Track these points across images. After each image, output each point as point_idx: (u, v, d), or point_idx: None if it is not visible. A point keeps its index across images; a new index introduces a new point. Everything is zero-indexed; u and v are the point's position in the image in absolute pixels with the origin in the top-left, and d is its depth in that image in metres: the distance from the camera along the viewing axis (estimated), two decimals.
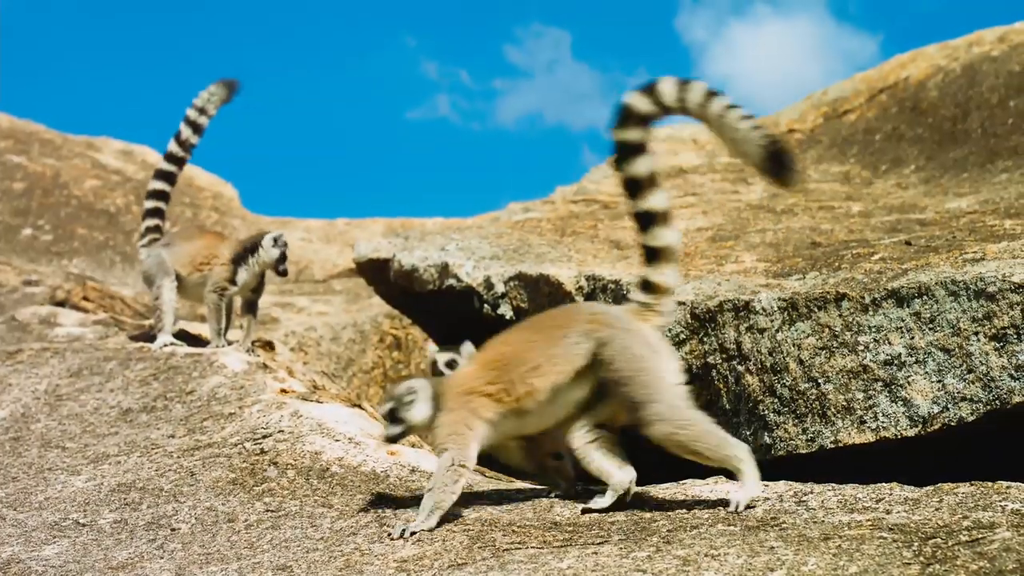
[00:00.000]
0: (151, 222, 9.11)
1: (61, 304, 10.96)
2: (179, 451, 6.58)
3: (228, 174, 21.29)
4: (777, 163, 5.08)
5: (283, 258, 8.53)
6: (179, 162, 9.26)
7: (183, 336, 8.98)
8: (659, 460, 7.03)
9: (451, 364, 7.31)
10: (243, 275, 8.59)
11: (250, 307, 8.75)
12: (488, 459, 7.49)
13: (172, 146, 9.22)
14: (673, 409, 5.04)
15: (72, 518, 5.87)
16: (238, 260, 8.62)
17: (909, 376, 6.23)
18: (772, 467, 6.34)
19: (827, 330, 6.42)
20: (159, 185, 9.22)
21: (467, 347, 7.39)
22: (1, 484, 6.46)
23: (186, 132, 9.20)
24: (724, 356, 6.67)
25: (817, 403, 6.36)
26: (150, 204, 9.17)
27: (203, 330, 9.91)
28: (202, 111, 9.24)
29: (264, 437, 6.49)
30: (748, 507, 4.99)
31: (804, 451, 6.37)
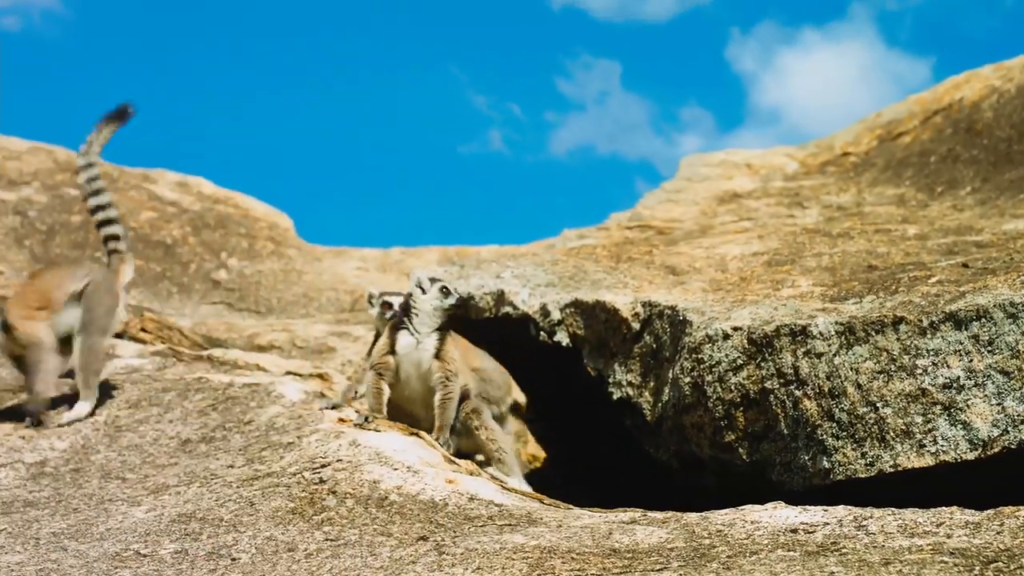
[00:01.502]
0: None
1: (119, 335, 11.03)
2: (238, 481, 6.61)
3: (283, 204, 21.41)
4: None
5: None
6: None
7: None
8: (718, 486, 7.03)
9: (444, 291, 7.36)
10: None
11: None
12: (546, 486, 7.50)
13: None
14: None
15: (133, 549, 5.90)
16: None
17: (968, 399, 6.19)
18: (831, 491, 6.32)
19: (885, 354, 6.39)
20: None
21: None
22: (63, 515, 6.50)
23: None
24: (782, 381, 6.64)
25: (876, 427, 6.34)
26: None
27: (261, 360, 9.97)
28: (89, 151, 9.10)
29: (323, 466, 6.51)
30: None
31: (863, 475, 6.34)
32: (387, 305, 7.75)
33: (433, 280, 7.45)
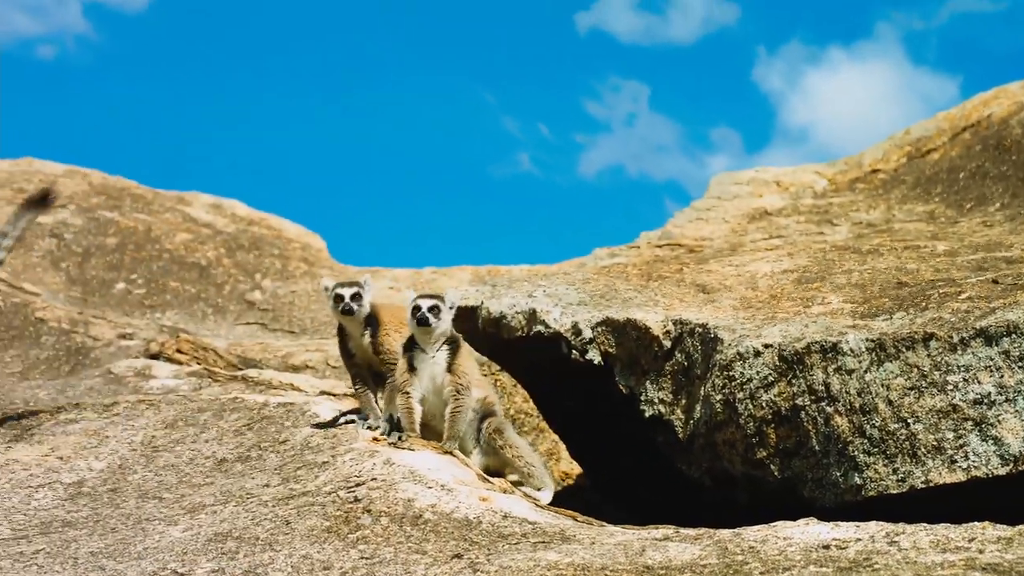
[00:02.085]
0: None
1: (155, 357, 11.13)
2: (274, 500, 6.66)
3: (316, 226, 21.47)
4: None
5: None
6: None
7: None
8: (750, 502, 7.05)
9: (435, 310, 7.47)
10: None
11: None
12: (579, 503, 7.53)
13: None
14: None
15: (170, 568, 5.94)
16: None
17: (999, 415, 6.20)
18: (863, 507, 6.33)
19: (916, 370, 6.41)
20: None
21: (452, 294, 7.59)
22: (100, 535, 6.56)
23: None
24: (813, 398, 6.66)
25: (907, 443, 6.35)
26: None
27: (295, 380, 10.03)
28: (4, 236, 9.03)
29: (357, 485, 6.56)
30: None
31: (895, 491, 6.35)
32: (339, 298, 7.85)
33: (424, 298, 7.59)
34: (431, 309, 7.48)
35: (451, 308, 7.59)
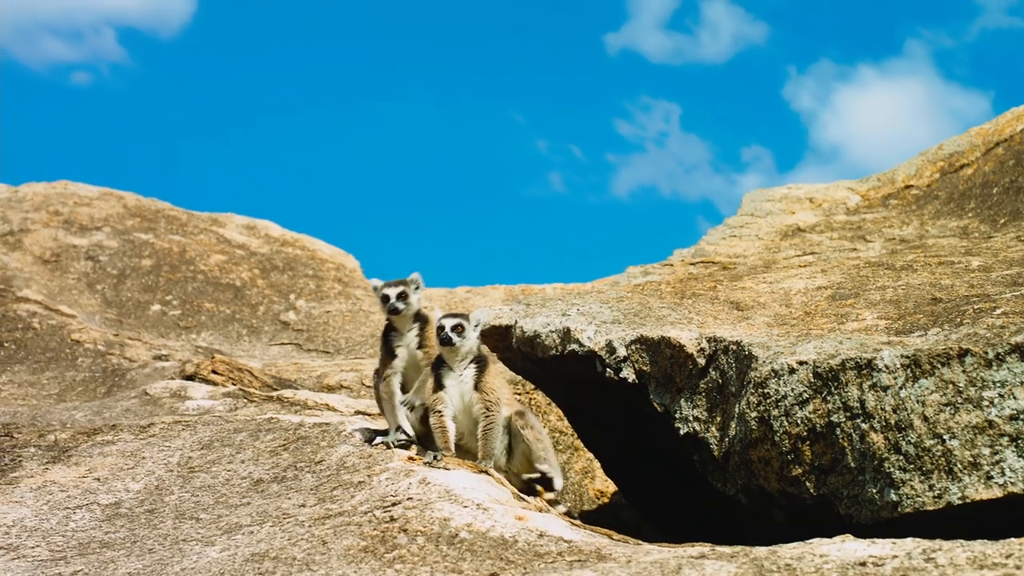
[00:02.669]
0: None
1: (191, 378, 11.18)
2: (310, 520, 6.68)
3: (350, 246, 21.56)
4: None
5: None
6: None
7: None
8: (786, 519, 7.04)
9: (458, 328, 7.59)
10: None
11: None
12: (614, 521, 7.53)
13: None
14: None
15: None
16: None
17: None
18: (899, 524, 6.32)
19: (951, 386, 6.39)
20: None
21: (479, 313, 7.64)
22: (138, 556, 6.59)
23: None
24: (848, 414, 6.65)
25: (943, 459, 6.33)
26: None
27: (330, 400, 10.06)
28: None
29: (393, 504, 6.58)
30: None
31: (931, 508, 6.33)
32: (385, 298, 7.99)
33: (447, 317, 7.66)
34: (454, 328, 7.55)
35: (476, 327, 7.63)
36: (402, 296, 7.93)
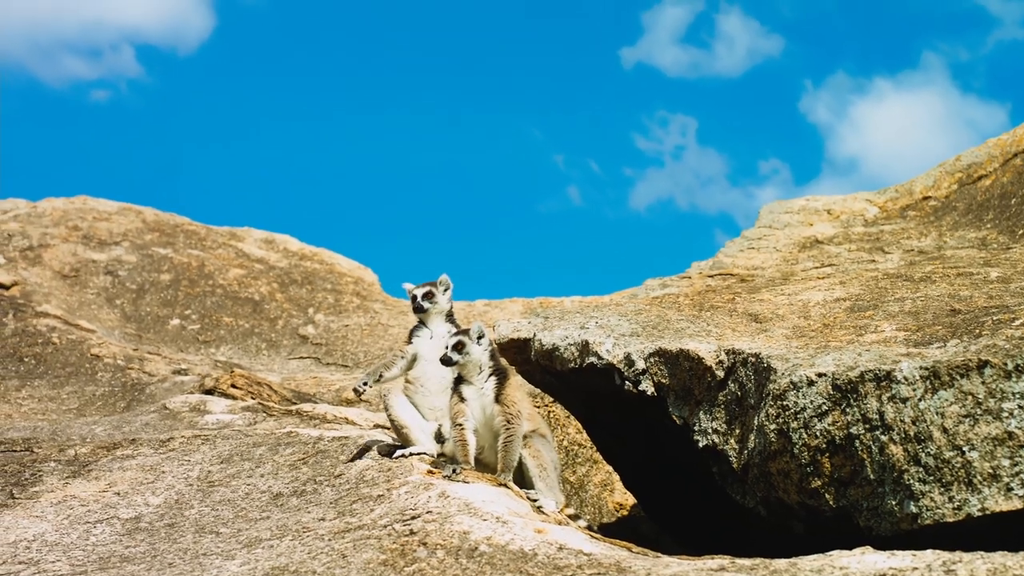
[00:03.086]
0: None
1: (210, 392, 11.20)
2: (330, 534, 6.69)
3: (369, 260, 21.60)
4: None
5: None
6: None
7: None
8: (806, 531, 7.03)
9: (459, 347, 7.65)
10: None
11: None
12: (633, 533, 7.52)
13: None
14: None
15: None
16: None
17: None
18: (919, 536, 6.31)
19: (970, 398, 6.38)
20: None
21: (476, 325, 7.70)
22: (158, 570, 6.61)
23: None
24: (867, 426, 6.64)
25: (963, 471, 6.32)
26: None
27: (349, 413, 10.07)
28: None
29: (413, 518, 6.58)
30: None
31: (951, 520, 6.32)
32: (413, 297, 8.21)
33: (453, 334, 7.71)
34: (455, 347, 7.59)
35: (479, 339, 7.66)
36: (428, 295, 8.09)
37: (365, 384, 7.97)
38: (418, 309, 8.13)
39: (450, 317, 8.18)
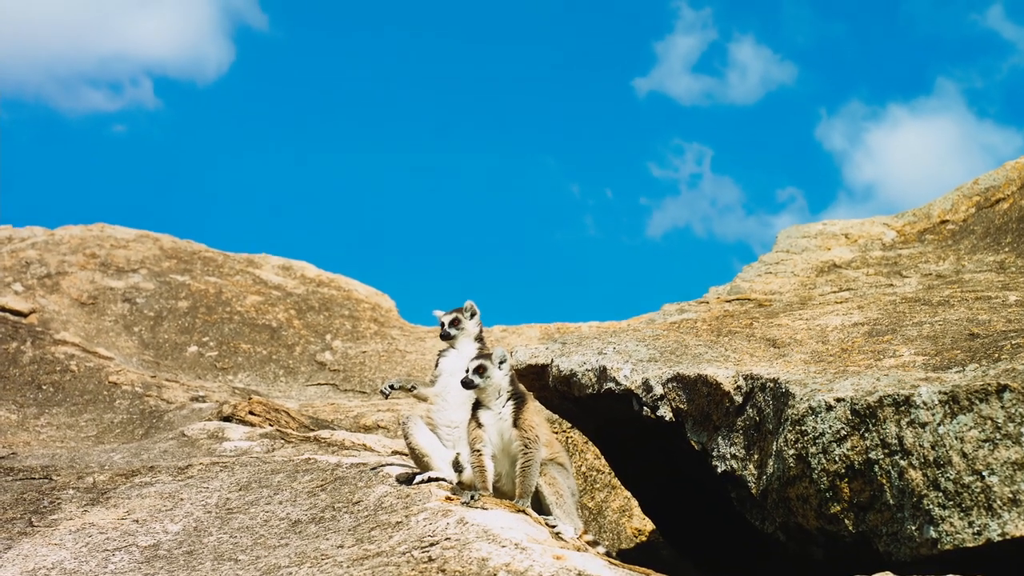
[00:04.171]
0: None
1: (228, 419, 11.21)
2: (348, 561, 6.69)
3: (385, 286, 21.61)
4: None
5: None
6: None
7: None
8: (825, 556, 7.02)
9: (480, 370, 7.66)
10: None
11: None
12: (652, 559, 7.50)
13: None
14: None
15: None
16: None
17: None
18: (940, 561, 6.29)
19: (990, 422, 6.37)
20: None
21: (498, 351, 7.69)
22: None
23: None
24: (886, 451, 6.63)
25: (982, 495, 6.30)
26: None
27: (367, 440, 10.07)
28: None
29: (431, 545, 6.57)
30: None
31: (971, 544, 6.30)
32: (441, 324, 8.28)
33: (475, 357, 7.73)
34: (476, 371, 7.59)
35: (501, 364, 7.66)
36: (454, 322, 8.14)
37: (391, 387, 8.06)
38: (445, 336, 8.19)
39: (479, 339, 8.24)
